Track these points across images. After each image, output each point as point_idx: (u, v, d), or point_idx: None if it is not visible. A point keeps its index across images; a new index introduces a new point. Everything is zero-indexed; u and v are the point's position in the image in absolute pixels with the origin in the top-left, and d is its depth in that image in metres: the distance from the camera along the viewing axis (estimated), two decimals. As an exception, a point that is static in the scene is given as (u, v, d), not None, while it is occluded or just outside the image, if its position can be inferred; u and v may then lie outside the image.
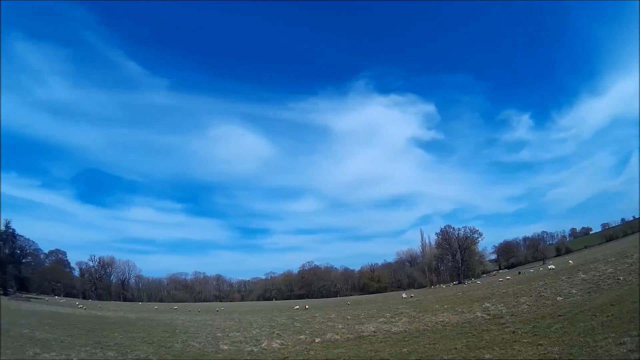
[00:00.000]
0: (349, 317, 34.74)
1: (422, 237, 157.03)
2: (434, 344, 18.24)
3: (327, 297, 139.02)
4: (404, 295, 69.67)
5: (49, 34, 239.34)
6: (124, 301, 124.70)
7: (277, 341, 24.00)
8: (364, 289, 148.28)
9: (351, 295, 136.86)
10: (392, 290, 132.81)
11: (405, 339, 20.84)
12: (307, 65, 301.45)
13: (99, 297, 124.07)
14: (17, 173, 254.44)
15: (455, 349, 16.45)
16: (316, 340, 23.55)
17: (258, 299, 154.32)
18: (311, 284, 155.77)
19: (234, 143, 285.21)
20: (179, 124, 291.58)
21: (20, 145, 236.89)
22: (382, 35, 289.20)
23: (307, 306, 61.68)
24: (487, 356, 14.36)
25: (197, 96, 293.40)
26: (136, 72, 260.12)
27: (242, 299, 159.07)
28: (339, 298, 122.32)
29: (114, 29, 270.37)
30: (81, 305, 65.80)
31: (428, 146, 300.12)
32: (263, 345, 22.96)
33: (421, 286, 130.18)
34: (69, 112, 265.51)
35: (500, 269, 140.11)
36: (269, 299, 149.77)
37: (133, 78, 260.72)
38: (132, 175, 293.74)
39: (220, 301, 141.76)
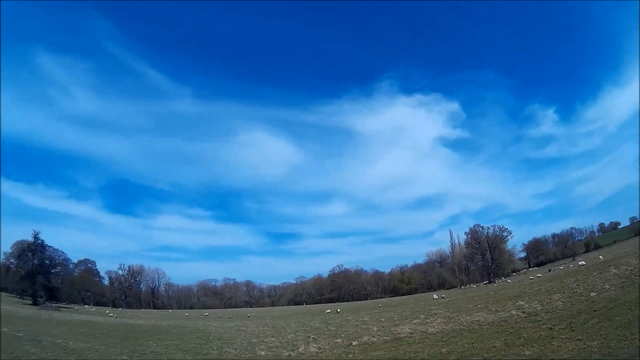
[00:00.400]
0: (382, 320, 34.80)
1: (451, 237, 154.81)
2: (472, 343, 18.50)
3: (358, 300, 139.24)
4: (435, 296, 69.27)
5: (72, 46, 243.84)
6: (153, 309, 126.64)
7: (314, 345, 24.21)
8: (394, 291, 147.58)
9: (382, 297, 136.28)
10: (422, 292, 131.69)
11: (443, 339, 21.06)
12: (331, 68, 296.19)
13: (129, 306, 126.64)
14: (45, 185, 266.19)
15: (494, 347, 16.72)
16: (353, 344, 23.83)
17: (288, 304, 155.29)
18: (341, 287, 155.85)
19: (260, 148, 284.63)
20: (205, 131, 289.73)
21: (47, 158, 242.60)
22: (404, 35, 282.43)
23: (338, 310, 61.88)
24: (527, 353, 14.62)
25: (222, 103, 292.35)
26: (159, 81, 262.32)
27: (273, 304, 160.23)
28: (369, 301, 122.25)
29: (135, 38, 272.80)
30: (112, 314, 67.16)
31: (454, 145, 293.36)
32: (300, 349, 23.19)
33: (451, 286, 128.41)
34: (95, 123, 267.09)
35: (529, 267, 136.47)
36: (300, 303, 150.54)
37: (156, 87, 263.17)
38: (160, 184, 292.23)
39: (251, 307, 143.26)
